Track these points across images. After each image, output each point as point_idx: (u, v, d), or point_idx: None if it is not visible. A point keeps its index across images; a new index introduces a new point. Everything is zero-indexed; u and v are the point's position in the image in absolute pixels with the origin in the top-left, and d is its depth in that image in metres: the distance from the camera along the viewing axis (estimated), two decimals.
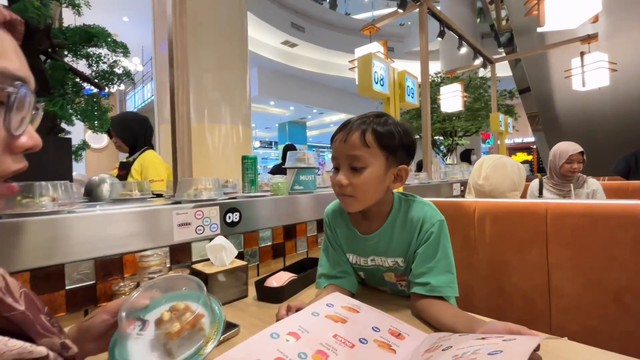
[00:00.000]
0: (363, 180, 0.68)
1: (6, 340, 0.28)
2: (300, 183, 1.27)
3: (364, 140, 0.67)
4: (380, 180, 0.69)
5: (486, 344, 0.38)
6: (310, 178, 1.29)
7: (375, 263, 0.80)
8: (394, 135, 0.69)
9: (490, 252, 1.14)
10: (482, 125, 6.95)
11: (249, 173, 1.21)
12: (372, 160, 0.68)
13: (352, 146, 0.68)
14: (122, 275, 0.78)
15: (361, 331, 0.55)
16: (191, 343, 0.46)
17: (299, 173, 1.27)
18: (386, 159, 0.69)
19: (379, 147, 0.68)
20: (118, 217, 0.79)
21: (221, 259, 0.85)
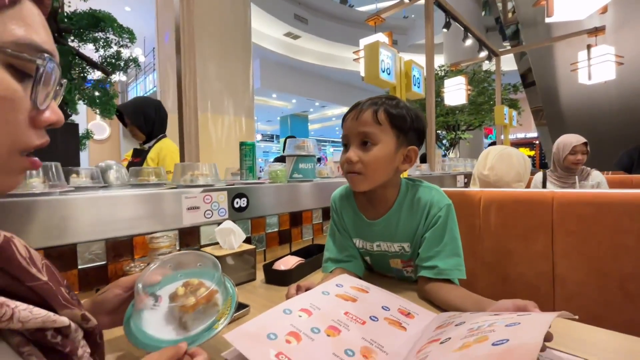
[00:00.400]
0: (373, 157, 0.68)
1: (32, 308, 0.29)
2: (299, 171, 1.24)
3: (376, 117, 0.68)
4: (390, 159, 0.70)
5: (501, 318, 0.39)
6: (309, 166, 1.27)
7: (382, 249, 0.80)
8: (405, 117, 0.69)
9: (495, 241, 1.15)
10: (485, 119, 6.93)
11: (247, 160, 1.18)
12: (383, 137, 0.68)
13: (363, 123, 0.69)
14: (132, 256, 0.79)
15: (371, 309, 0.56)
16: (205, 317, 0.47)
17: (298, 161, 1.25)
18: (397, 138, 0.69)
19: (390, 125, 0.69)
20: (128, 199, 0.79)
21: (230, 243, 0.86)
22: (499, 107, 3.59)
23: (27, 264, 0.32)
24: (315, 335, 0.46)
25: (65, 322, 0.32)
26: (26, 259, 0.33)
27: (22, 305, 0.28)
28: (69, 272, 0.69)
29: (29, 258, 0.33)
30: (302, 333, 0.46)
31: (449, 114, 7.01)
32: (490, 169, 1.30)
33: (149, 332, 0.45)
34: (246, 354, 0.40)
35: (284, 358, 0.41)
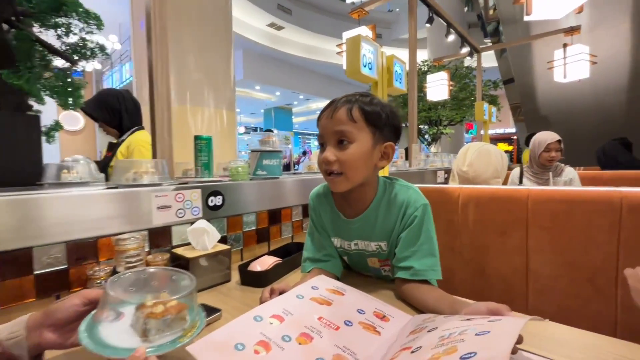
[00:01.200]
0: (350, 155, 0.67)
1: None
2: (263, 168, 1.15)
3: (351, 115, 0.66)
4: (367, 156, 0.68)
5: (472, 325, 0.38)
6: (275, 162, 1.18)
7: (359, 247, 0.79)
8: (380, 113, 0.68)
9: (473, 237, 1.16)
10: (466, 114, 7.07)
11: (202, 156, 1.07)
12: (359, 135, 0.67)
13: (338, 121, 0.67)
14: (97, 259, 0.74)
15: (346, 313, 0.54)
16: (171, 330, 0.44)
17: (262, 157, 1.16)
18: (373, 135, 0.68)
19: (366, 122, 0.67)
20: (92, 198, 0.74)
21: (203, 243, 0.83)
22: (479, 103, 3.66)
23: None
24: (286, 344, 0.44)
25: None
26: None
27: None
28: (24, 278, 0.64)
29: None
30: (272, 342, 0.44)
31: (431, 109, 7.11)
32: (469, 166, 1.31)
33: (107, 339, 0.42)
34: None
35: None
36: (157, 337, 0.43)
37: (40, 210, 0.67)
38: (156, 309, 0.44)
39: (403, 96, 7.15)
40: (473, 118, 6.62)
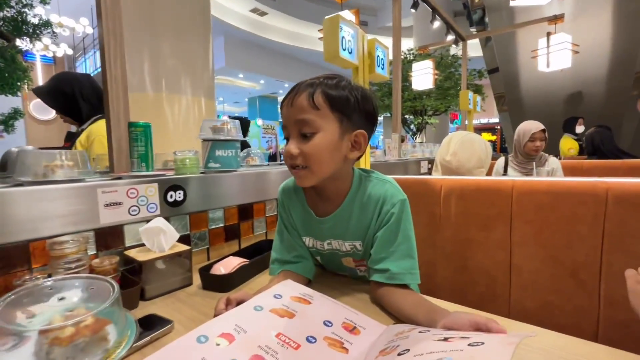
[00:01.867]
0: (314, 147, 0.59)
1: None
2: (216, 159, 1.01)
3: (312, 101, 0.58)
4: (334, 147, 0.60)
5: (450, 350, 0.32)
6: (230, 153, 1.03)
7: (333, 247, 0.73)
8: (348, 98, 0.60)
9: (455, 230, 1.12)
10: (451, 104, 7.08)
11: (137, 146, 0.90)
12: (323, 124, 0.59)
13: (299, 109, 0.59)
14: (29, 266, 0.64)
15: (310, 327, 0.47)
16: (85, 356, 0.36)
17: (214, 147, 1.01)
18: (340, 123, 0.60)
19: (331, 109, 0.59)
20: (22, 195, 0.64)
21: (159, 244, 0.74)
22: (464, 92, 3.62)
23: None
24: None
25: None
26: None
27: None
28: None
29: None
30: None
31: (417, 99, 7.08)
32: (452, 155, 1.26)
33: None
34: None
35: None
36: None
37: None
38: (63, 333, 0.35)
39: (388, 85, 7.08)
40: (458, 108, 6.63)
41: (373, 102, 0.64)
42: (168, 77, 3.17)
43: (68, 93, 1.36)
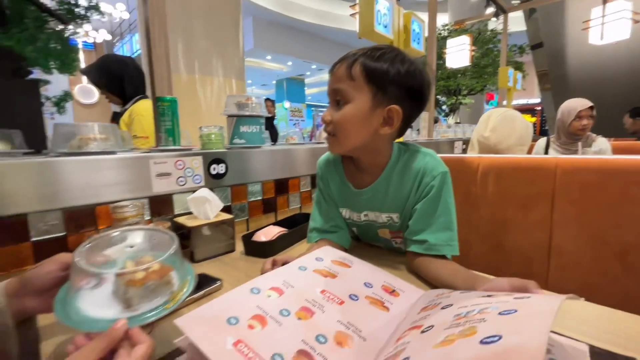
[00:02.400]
0: (342, 117, 0.60)
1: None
2: (240, 135, 1.02)
3: (350, 72, 0.59)
4: (363, 119, 0.60)
5: (495, 302, 0.33)
6: (254, 129, 1.04)
7: (369, 218, 0.74)
8: (387, 71, 0.58)
9: (492, 210, 1.09)
10: (487, 83, 6.68)
11: (164, 120, 0.91)
12: (355, 94, 0.59)
13: (337, 78, 0.60)
14: (96, 227, 0.72)
15: (352, 287, 0.50)
16: (155, 296, 0.41)
17: (238, 123, 1.02)
18: (373, 96, 0.59)
19: (366, 80, 0.58)
20: (88, 164, 0.71)
21: (205, 212, 0.80)
22: (504, 69, 3.40)
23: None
24: (284, 318, 0.41)
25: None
26: None
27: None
28: (21, 244, 0.63)
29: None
30: (269, 316, 0.40)
31: (450, 78, 6.74)
32: (492, 131, 1.21)
33: (85, 311, 0.38)
34: (198, 343, 0.34)
35: (243, 347, 0.35)
36: (142, 305, 0.40)
37: (34, 175, 0.64)
38: (136, 276, 0.40)
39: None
40: (495, 87, 6.26)
41: (420, 78, 0.61)
42: (200, 59, 3.24)
43: (115, 73, 1.45)
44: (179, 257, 0.46)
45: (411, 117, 0.65)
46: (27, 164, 0.63)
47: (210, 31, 3.27)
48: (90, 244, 0.45)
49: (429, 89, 0.64)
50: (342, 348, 0.38)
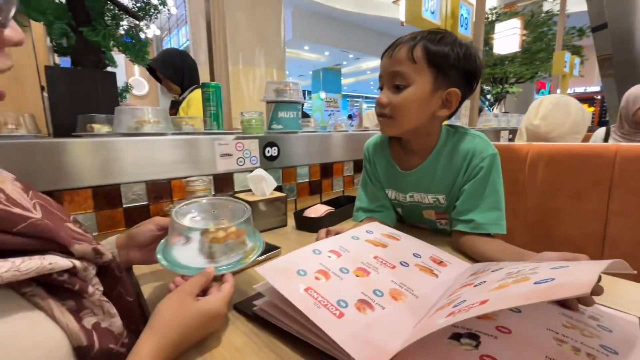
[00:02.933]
0: (403, 99, 0.62)
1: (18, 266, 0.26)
2: (279, 121, 1.05)
3: (411, 55, 0.60)
4: (423, 102, 0.63)
5: (546, 264, 0.36)
6: (292, 115, 1.06)
7: (414, 200, 0.77)
8: (448, 54, 0.60)
9: (541, 199, 1.07)
10: (539, 69, 6.20)
11: (209, 105, 0.97)
12: (417, 77, 0.61)
13: (397, 61, 0.62)
14: (171, 198, 0.83)
15: (402, 255, 0.55)
16: (233, 253, 0.49)
17: (277, 108, 1.05)
18: (434, 79, 0.62)
19: (428, 63, 0.61)
20: (165, 144, 0.81)
21: (261, 189, 0.88)
22: (560, 53, 3.15)
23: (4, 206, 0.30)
24: (344, 275, 0.46)
25: (66, 265, 0.30)
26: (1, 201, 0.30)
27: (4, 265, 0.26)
28: (116, 210, 0.75)
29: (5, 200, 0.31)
30: (331, 272, 0.46)
31: (497, 65, 6.34)
32: (542, 118, 1.17)
33: (180, 261, 0.48)
34: (277, 287, 0.41)
35: (313, 292, 0.41)
36: (222, 259, 0.48)
37: (121, 152, 0.75)
38: (218, 234, 0.48)
39: None
40: (547, 74, 5.80)
41: (476, 61, 0.63)
42: (244, 50, 3.38)
43: (178, 65, 1.61)
44: (251, 224, 0.54)
45: (463, 100, 0.67)
46: (123, 142, 0.75)
47: (253, 23, 3.38)
48: (183, 208, 0.54)
49: (481, 72, 0.66)
50: (397, 301, 0.43)
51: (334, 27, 10.60)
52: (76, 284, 0.31)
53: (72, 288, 0.31)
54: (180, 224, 0.49)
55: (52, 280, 0.29)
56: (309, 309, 0.38)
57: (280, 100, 1.05)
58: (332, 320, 0.37)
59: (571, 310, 0.40)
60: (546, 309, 0.40)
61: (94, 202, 0.72)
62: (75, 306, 0.31)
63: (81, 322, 0.31)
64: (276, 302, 0.42)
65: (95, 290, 0.33)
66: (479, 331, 0.34)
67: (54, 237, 0.31)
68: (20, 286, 0.28)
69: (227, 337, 0.42)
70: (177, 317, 0.37)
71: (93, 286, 0.34)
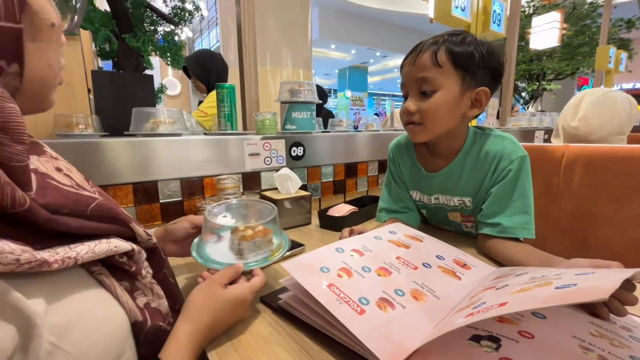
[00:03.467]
0: (433, 105, 0.61)
1: (94, 247, 0.31)
2: (292, 121, 1.04)
3: (435, 59, 0.60)
4: (454, 105, 0.62)
5: (572, 270, 0.35)
6: (306, 115, 1.04)
7: (440, 202, 0.76)
8: (473, 54, 0.60)
9: (577, 202, 1.02)
10: (581, 65, 5.80)
11: (224, 106, 0.97)
12: (445, 81, 0.61)
13: (421, 68, 0.61)
14: (203, 195, 0.88)
15: (424, 257, 0.55)
16: (260, 250, 0.52)
17: (290, 109, 1.03)
18: (462, 80, 0.61)
19: (454, 66, 0.60)
20: (197, 143, 0.86)
21: (287, 188, 0.90)
22: (604, 48, 2.94)
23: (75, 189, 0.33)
24: (366, 273, 0.48)
25: (127, 248, 0.34)
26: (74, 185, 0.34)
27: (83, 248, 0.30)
28: (153, 205, 0.80)
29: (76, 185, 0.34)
30: (353, 270, 0.48)
31: (533, 61, 6.01)
32: (582, 119, 1.10)
33: (212, 257, 0.51)
34: (301, 282, 0.43)
35: (335, 289, 0.43)
36: (250, 256, 0.51)
37: (157, 152, 0.80)
38: (247, 233, 0.51)
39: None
40: (591, 70, 5.42)
41: (499, 57, 0.63)
42: (272, 50, 3.44)
43: (208, 65, 1.69)
44: (278, 224, 0.57)
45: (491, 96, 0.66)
46: (161, 142, 0.80)
47: (281, 24, 3.44)
48: (215, 209, 0.58)
49: (504, 66, 0.65)
50: (418, 301, 0.43)
51: (361, 24, 10.51)
52: (132, 266, 0.35)
53: (129, 269, 0.35)
54: (213, 222, 0.53)
55: (114, 261, 0.34)
56: (331, 304, 0.40)
57: (294, 101, 1.05)
58: (353, 316, 0.38)
59: (602, 320, 0.39)
60: (574, 316, 0.39)
61: (134, 197, 0.78)
62: (129, 287, 0.35)
63: (135, 301, 0.35)
64: (300, 296, 0.44)
65: (146, 274, 0.38)
66: (500, 334, 0.34)
67: (117, 215, 0.35)
68: (90, 265, 0.32)
69: (254, 327, 0.45)
70: (208, 303, 0.41)
71: (145, 269, 0.38)
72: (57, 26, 0.32)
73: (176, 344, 0.36)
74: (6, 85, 0.29)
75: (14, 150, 0.26)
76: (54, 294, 0.28)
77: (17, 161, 0.27)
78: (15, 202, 0.25)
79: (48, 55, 0.32)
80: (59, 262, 0.27)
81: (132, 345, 0.34)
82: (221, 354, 0.40)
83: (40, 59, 0.31)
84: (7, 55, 0.28)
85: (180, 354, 0.35)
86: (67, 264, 0.28)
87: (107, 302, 0.32)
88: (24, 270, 0.25)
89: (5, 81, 0.29)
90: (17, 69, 0.29)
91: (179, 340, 0.36)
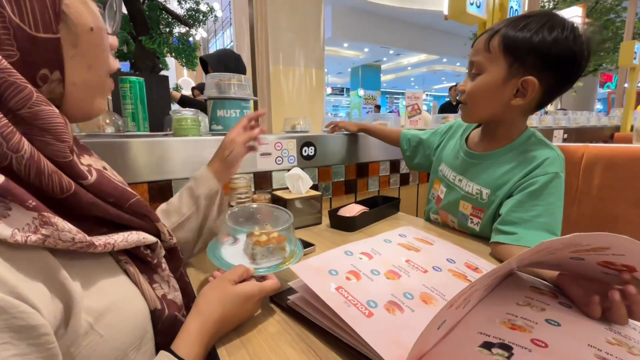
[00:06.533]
0: (474, 87, 0.64)
1: (127, 237, 0.34)
2: (218, 121, 0.90)
3: (487, 45, 0.61)
4: (493, 91, 0.62)
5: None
6: (234, 114, 0.89)
7: (460, 185, 0.77)
8: (527, 40, 0.57)
9: (597, 206, 0.99)
10: (604, 61, 5.59)
11: (127, 104, 0.82)
12: (489, 66, 0.62)
13: (475, 51, 0.64)
14: None
15: (435, 260, 0.54)
16: (273, 257, 0.53)
17: (215, 106, 0.89)
18: (509, 66, 0.60)
19: (503, 51, 0.60)
20: (209, 143, 0.88)
21: (298, 188, 0.91)
22: (628, 43, 2.82)
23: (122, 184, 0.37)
24: (375, 276, 0.48)
25: (153, 240, 0.38)
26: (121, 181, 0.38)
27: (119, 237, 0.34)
28: None
29: (121, 181, 0.38)
30: (362, 273, 0.48)
31: None
32: None
33: (225, 258, 0.52)
34: (309, 284, 0.43)
35: (344, 292, 0.43)
36: (263, 261, 0.52)
37: (172, 151, 0.82)
38: (261, 238, 0.52)
39: None
40: (614, 66, 5.21)
41: (573, 46, 0.56)
42: (284, 50, 3.45)
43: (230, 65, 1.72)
44: (293, 232, 0.57)
45: (555, 90, 0.62)
46: (175, 142, 0.82)
47: (293, 23, 3.43)
48: (233, 212, 0.59)
49: (584, 59, 0.58)
50: (427, 305, 0.43)
51: (374, 22, 10.42)
52: (154, 258, 0.38)
53: (151, 261, 0.38)
54: (229, 225, 0.54)
55: (138, 252, 0.37)
56: (339, 306, 0.40)
57: (219, 97, 0.89)
58: (361, 319, 0.38)
59: (619, 325, 0.38)
60: (590, 323, 0.38)
61: (149, 195, 0.80)
62: (149, 278, 0.38)
63: (155, 292, 0.37)
64: (309, 298, 0.45)
65: (165, 267, 0.40)
66: (513, 342, 0.34)
67: (149, 213, 0.39)
68: (118, 254, 0.35)
69: (263, 325, 0.46)
70: (217, 297, 0.42)
71: (163, 263, 0.40)
72: (96, 30, 0.33)
73: (187, 336, 0.37)
74: (52, 91, 0.31)
75: (56, 147, 0.29)
76: (88, 278, 0.31)
77: (62, 157, 0.30)
78: (63, 187, 0.29)
79: (88, 58, 0.33)
80: (102, 246, 0.31)
81: (152, 336, 0.37)
82: (231, 350, 0.41)
83: (80, 62, 0.32)
84: (50, 64, 0.30)
85: (190, 345, 0.37)
86: (107, 249, 0.32)
87: (132, 292, 0.35)
88: (75, 249, 0.29)
89: (50, 88, 0.31)
90: (59, 76, 0.31)
91: (190, 333, 0.38)
